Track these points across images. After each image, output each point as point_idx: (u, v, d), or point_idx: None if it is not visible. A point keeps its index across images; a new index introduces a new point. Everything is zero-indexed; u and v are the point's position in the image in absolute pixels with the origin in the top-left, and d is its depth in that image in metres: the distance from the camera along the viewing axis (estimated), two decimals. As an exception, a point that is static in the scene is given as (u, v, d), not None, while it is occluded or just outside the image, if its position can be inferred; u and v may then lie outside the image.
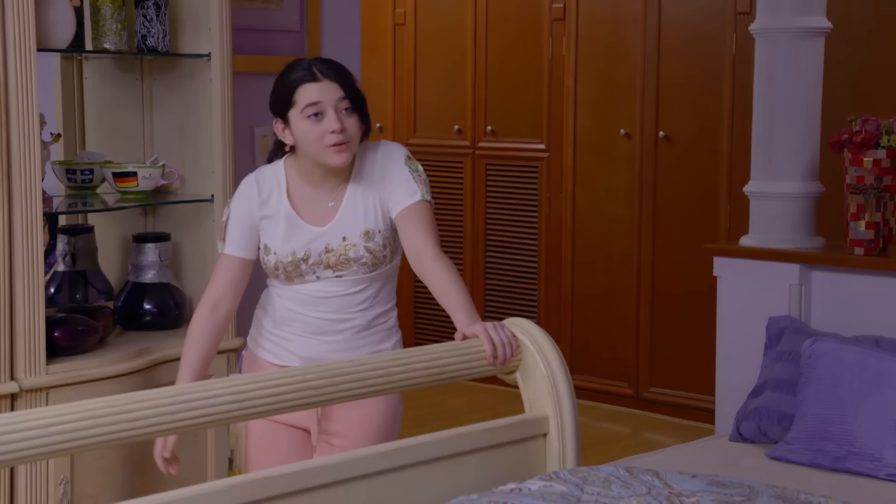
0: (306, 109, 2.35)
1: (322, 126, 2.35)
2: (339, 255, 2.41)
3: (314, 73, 2.36)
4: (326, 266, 2.42)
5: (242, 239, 2.44)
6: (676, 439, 4.62)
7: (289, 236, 2.42)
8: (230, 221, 2.44)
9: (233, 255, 2.43)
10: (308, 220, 2.44)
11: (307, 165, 2.43)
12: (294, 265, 2.42)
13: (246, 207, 2.43)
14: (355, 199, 2.44)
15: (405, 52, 5.96)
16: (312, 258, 2.42)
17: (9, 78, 2.60)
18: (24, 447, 1.72)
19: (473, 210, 5.79)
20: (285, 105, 2.38)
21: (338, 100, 2.36)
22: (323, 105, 2.35)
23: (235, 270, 2.44)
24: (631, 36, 5.22)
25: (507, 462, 2.21)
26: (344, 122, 2.36)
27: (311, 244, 2.42)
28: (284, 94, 2.38)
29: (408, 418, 5.04)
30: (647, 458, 3.09)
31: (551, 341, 2.30)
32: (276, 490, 1.90)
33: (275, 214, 2.43)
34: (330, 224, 2.42)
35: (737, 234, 4.19)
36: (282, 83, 2.40)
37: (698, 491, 1.97)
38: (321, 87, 2.35)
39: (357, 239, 2.42)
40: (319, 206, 2.44)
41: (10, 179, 2.61)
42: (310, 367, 2.02)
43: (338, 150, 2.36)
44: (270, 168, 2.48)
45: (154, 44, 3.02)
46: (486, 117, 5.71)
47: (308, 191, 2.45)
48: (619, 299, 5.32)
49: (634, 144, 5.24)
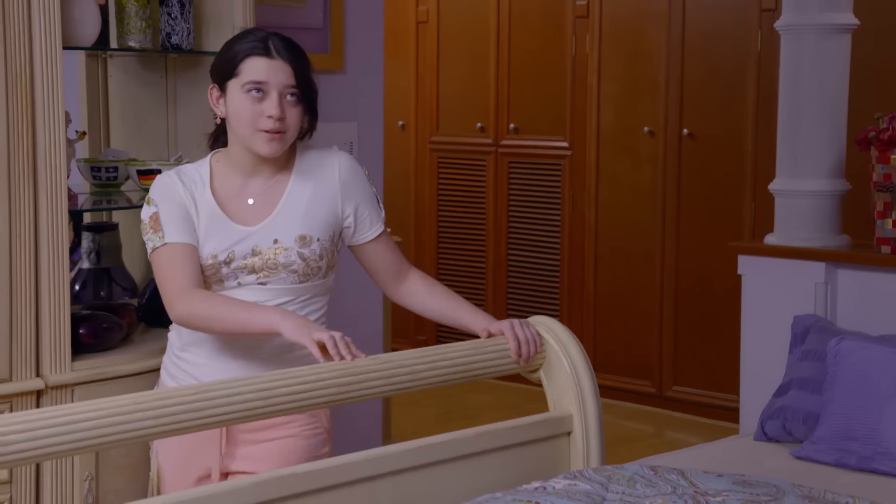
0: (248, 85, 2.12)
1: (260, 107, 2.12)
2: (267, 258, 2.17)
3: (268, 47, 2.13)
4: (251, 271, 2.18)
5: (184, 225, 2.16)
6: (700, 438, 4.60)
7: (210, 235, 2.17)
8: (162, 212, 2.16)
9: (181, 241, 2.14)
10: (235, 219, 2.19)
11: (236, 151, 2.20)
12: (214, 268, 2.17)
13: (174, 196, 2.17)
14: (296, 200, 2.20)
15: (428, 50, 5.95)
16: (236, 261, 2.17)
17: (35, 76, 2.61)
18: (50, 444, 1.72)
19: (496, 208, 5.78)
20: (227, 73, 2.15)
21: (285, 85, 2.13)
22: (267, 86, 2.12)
23: (192, 258, 2.14)
24: (655, 33, 5.20)
25: (532, 460, 2.21)
26: (285, 111, 2.13)
27: (237, 245, 2.17)
28: (229, 62, 2.15)
29: (432, 416, 5.07)
30: (671, 457, 3.08)
31: (575, 339, 2.29)
32: (301, 487, 1.90)
33: (199, 208, 2.18)
34: (262, 224, 2.18)
35: (761, 233, 4.17)
36: (229, 49, 2.17)
37: (724, 490, 1.96)
38: (271, 66, 2.12)
39: (290, 243, 2.18)
40: (247, 202, 2.21)
41: (36, 177, 2.63)
42: (335, 365, 2.01)
43: (270, 139, 2.13)
44: (191, 165, 2.25)
45: (178, 42, 3.02)
46: (509, 115, 5.70)
47: (236, 182, 2.21)
48: (642, 297, 5.30)
49: (658, 142, 5.22)
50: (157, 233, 2.15)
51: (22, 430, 1.70)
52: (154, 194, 2.20)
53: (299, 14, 3.63)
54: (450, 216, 5.98)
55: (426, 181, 6.03)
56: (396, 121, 6.01)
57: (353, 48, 3.77)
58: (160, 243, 2.15)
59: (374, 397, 2.10)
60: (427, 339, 5.99)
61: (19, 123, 2.59)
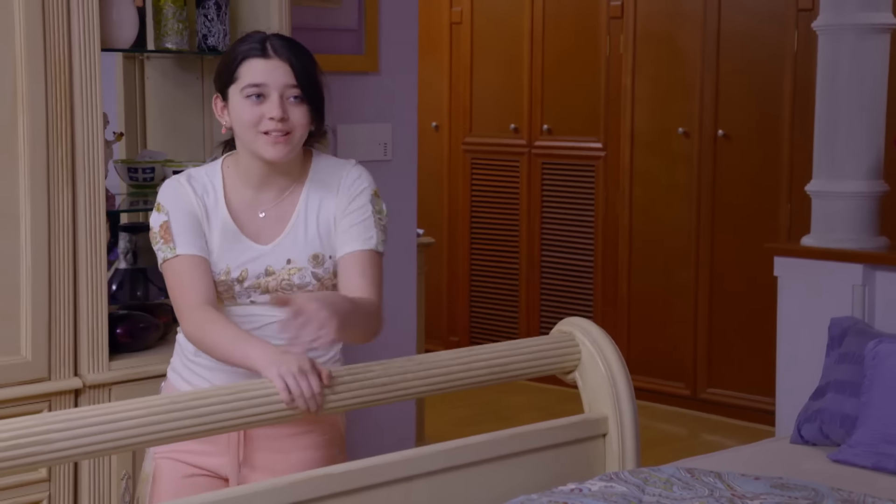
0: (247, 89, 2.03)
1: (261, 110, 2.02)
2: (282, 279, 2.08)
3: (265, 48, 2.04)
4: (265, 290, 2.08)
5: (196, 237, 2.06)
6: (735, 441, 4.57)
7: (225, 250, 2.07)
8: (173, 220, 2.06)
9: (193, 254, 2.04)
10: (249, 234, 2.09)
11: (245, 160, 2.10)
12: (226, 285, 2.08)
13: (185, 205, 2.07)
14: (307, 216, 2.10)
15: (461, 51, 5.95)
16: (249, 280, 2.08)
17: (74, 78, 2.63)
18: (88, 443, 1.74)
19: (529, 209, 5.77)
20: (227, 79, 2.06)
21: (285, 85, 2.03)
22: (267, 88, 2.03)
23: (206, 271, 2.04)
24: (690, 33, 5.17)
25: (567, 462, 2.20)
26: (287, 111, 2.03)
27: (250, 264, 2.08)
28: (228, 67, 2.06)
29: (464, 417, 5.07)
30: (707, 460, 3.06)
31: (611, 341, 2.28)
32: (338, 487, 1.91)
33: (211, 220, 2.08)
34: (274, 243, 2.08)
35: (797, 234, 4.14)
36: (229, 54, 2.08)
37: (762, 493, 1.94)
38: (268, 67, 2.03)
39: (304, 263, 2.08)
40: (260, 215, 2.10)
41: (75, 178, 2.65)
42: (371, 365, 2.02)
43: (274, 141, 2.02)
44: (201, 169, 2.14)
45: (214, 43, 3.04)
46: (543, 116, 5.69)
47: (247, 194, 2.10)
48: (676, 299, 5.28)
49: (693, 143, 5.19)
50: (168, 243, 2.06)
51: (61, 428, 1.71)
52: (164, 200, 2.09)
53: (334, 15, 3.64)
54: (483, 217, 5.97)
55: (459, 182, 6.03)
56: (430, 122, 6.01)
57: (388, 49, 3.77)
58: (171, 255, 2.05)
59: (411, 398, 2.10)
60: (460, 339, 5.99)
61: (58, 125, 2.61)
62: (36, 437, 1.68)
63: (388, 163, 3.79)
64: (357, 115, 3.69)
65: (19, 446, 1.66)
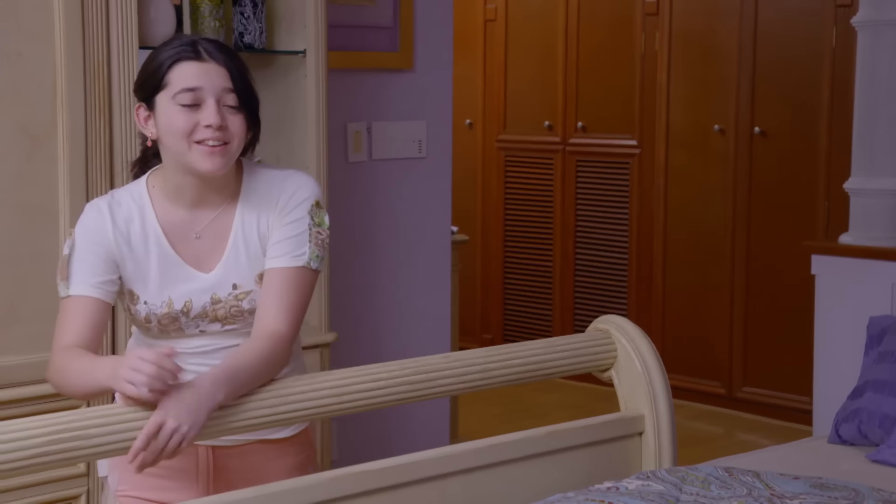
0: (180, 95, 1.83)
1: (196, 117, 1.83)
2: (231, 306, 1.91)
3: (198, 50, 1.85)
4: (213, 319, 1.92)
5: (93, 276, 1.86)
6: (771, 440, 4.53)
7: (164, 281, 1.89)
8: (74, 257, 1.86)
9: (84, 294, 1.85)
10: (188, 261, 1.91)
11: (174, 177, 1.89)
12: (171, 318, 1.90)
13: (97, 237, 1.87)
14: (245, 234, 1.92)
15: (496, 48, 5.94)
16: (195, 310, 1.90)
17: (112, 74, 2.65)
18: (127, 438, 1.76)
19: (563, 206, 5.76)
20: (153, 86, 1.85)
21: (222, 90, 1.85)
22: (202, 93, 1.83)
23: (92, 313, 1.84)
24: (726, 29, 5.13)
25: (603, 460, 2.19)
26: (225, 118, 1.84)
27: (194, 294, 1.90)
28: (154, 73, 1.85)
29: (497, 414, 5.07)
30: (744, 459, 3.03)
31: (647, 339, 2.27)
32: (372, 484, 1.91)
33: (141, 252, 1.89)
34: (217, 268, 1.91)
35: (835, 232, 4.10)
36: (153, 59, 1.87)
37: (801, 493, 1.92)
38: (203, 70, 1.84)
39: (252, 286, 1.91)
40: (196, 239, 1.91)
41: (113, 175, 2.67)
42: (407, 362, 2.02)
43: (210, 152, 1.83)
44: (125, 192, 1.93)
45: (251, 41, 3.05)
46: (577, 113, 5.67)
47: (180, 216, 1.91)
48: (712, 297, 5.24)
49: (729, 140, 5.16)
50: (64, 280, 1.87)
51: (100, 423, 1.72)
52: (77, 229, 1.90)
53: (369, 13, 3.65)
54: (517, 215, 5.97)
55: (493, 180, 6.02)
56: (464, 119, 6.01)
57: (423, 47, 3.77)
58: (64, 293, 1.86)
59: (446, 395, 2.10)
60: (493, 337, 5.99)
61: (97, 122, 2.64)
62: (75, 432, 1.69)
63: (422, 160, 3.80)
64: (391, 112, 3.70)
65: (59, 441, 1.67)
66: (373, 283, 3.70)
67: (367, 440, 3.65)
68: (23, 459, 1.65)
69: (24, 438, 1.65)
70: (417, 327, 3.81)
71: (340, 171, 3.56)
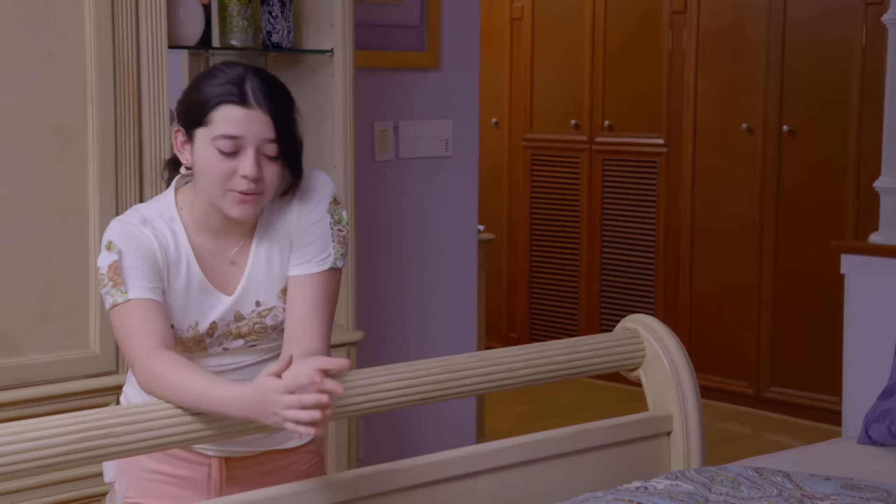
0: (220, 141, 1.80)
1: (232, 164, 1.80)
2: (254, 323, 1.90)
3: (244, 92, 1.80)
4: (237, 336, 1.91)
5: (149, 281, 1.82)
6: (799, 441, 4.50)
7: (190, 305, 1.87)
8: (125, 263, 1.82)
9: (146, 297, 1.81)
10: (216, 285, 1.89)
11: (205, 205, 1.87)
12: (196, 340, 1.90)
13: (144, 246, 1.84)
14: (264, 252, 1.91)
15: (522, 47, 5.93)
16: (219, 331, 1.90)
17: (141, 74, 2.67)
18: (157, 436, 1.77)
19: (590, 206, 5.74)
20: (195, 120, 1.82)
21: (263, 140, 1.80)
22: (243, 141, 1.80)
23: (159, 313, 1.82)
24: (754, 27, 5.10)
25: (631, 460, 2.19)
26: (263, 170, 1.80)
27: (218, 316, 1.89)
28: (198, 107, 1.82)
29: (523, 414, 5.06)
30: (772, 459, 3.01)
31: (676, 339, 2.26)
32: (400, 483, 1.91)
33: (174, 274, 1.86)
34: (238, 290, 1.89)
35: (864, 232, 4.07)
36: (199, 91, 1.83)
37: (832, 494, 1.91)
38: (247, 118, 1.79)
39: (275, 301, 1.91)
40: (223, 262, 1.90)
41: (142, 173, 2.69)
42: (433, 361, 2.02)
43: (242, 200, 1.81)
44: (153, 209, 1.89)
45: (279, 40, 3.06)
46: (604, 112, 5.65)
47: (208, 241, 1.89)
48: (739, 297, 5.22)
49: (757, 139, 5.13)
50: (119, 286, 1.81)
51: (130, 421, 1.73)
52: (116, 239, 1.85)
53: (396, 12, 3.65)
54: (543, 214, 5.95)
55: (519, 179, 6.01)
56: (490, 118, 6.00)
57: (450, 46, 3.77)
58: (122, 299, 1.81)
59: (472, 394, 2.10)
60: (519, 336, 5.98)
61: (126, 121, 2.65)
62: (105, 429, 1.70)
63: (448, 159, 3.80)
64: (418, 111, 3.70)
65: (89, 439, 1.68)
66: (399, 283, 3.70)
67: (392, 439, 3.66)
68: (54, 456, 1.66)
69: (55, 436, 1.66)
70: (444, 326, 3.81)
71: (367, 171, 3.56)
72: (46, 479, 2.52)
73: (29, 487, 2.52)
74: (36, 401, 2.55)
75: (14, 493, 2.51)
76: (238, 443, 1.95)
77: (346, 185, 3.12)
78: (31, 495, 2.55)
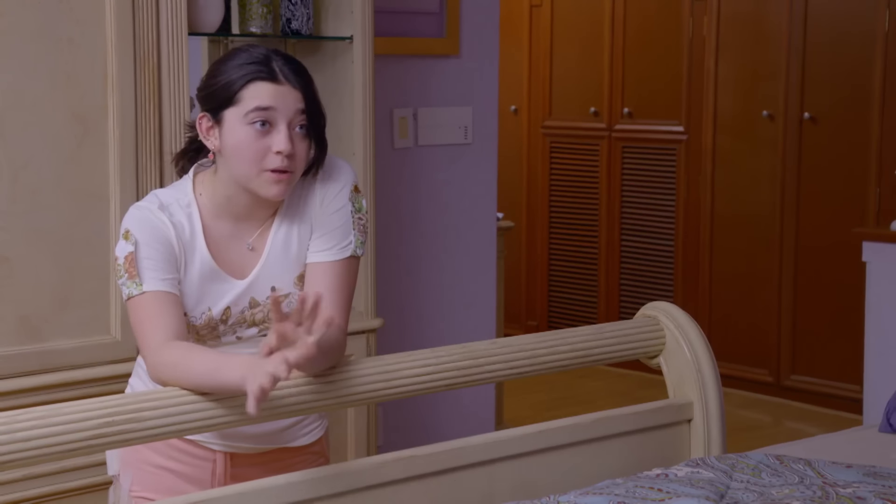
0: (253, 114, 1.80)
1: (266, 142, 1.81)
2: (269, 310, 1.87)
3: (273, 70, 1.82)
4: (251, 324, 1.92)
5: (164, 273, 1.83)
6: (819, 429, 4.49)
7: (204, 292, 1.87)
8: (141, 254, 1.83)
9: (160, 290, 1.82)
10: (228, 270, 1.89)
11: (229, 189, 1.87)
12: (210, 328, 1.90)
13: (160, 235, 1.85)
14: (283, 236, 1.91)
15: (541, 34, 5.91)
16: (233, 318, 1.90)
17: (161, 61, 2.67)
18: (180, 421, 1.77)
19: (609, 193, 5.72)
20: (223, 100, 1.82)
21: (296, 112, 1.82)
22: (275, 114, 1.81)
23: (173, 306, 1.82)
24: (775, 13, 5.07)
25: (651, 447, 2.18)
26: (296, 145, 1.82)
27: (232, 302, 1.89)
28: (225, 88, 1.82)
29: (543, 401, 5.06)
30: (793, 447, 3.00)
31: (696, 326, 2.26)
32: (421, 470, 1.91)
33: (188, 261, 1.87)
34: (253, 274, 1.89)
35: (886, 219, 4.04)
36: (223, 73, 1.84)
37: (854, 482, 1.90)
38: (279, 92, 1.81)
39: (290, 288, 1.91)
40: (238, 248, 1.90)
41: (163, 160, 2.69)
42: (454, 348, 2.02)
43: (277, 179, 1.82)
44: (170, 195, 1.89)
45: (298, 27, 3.06)
46: (623, 99, 5.63)
47: (226, 226, 1.89)
48: (760, 285, 5.19)
49: (778, 126, 5.10)
50: (134, 278, 1.82)
51: (153, 406, 1.74)
52: (133, 227, 1.85)
53: (416, -2, 3.64)
54: (562, 201, 5.94)
55: (538, 166, 6.00)
56: (509, 105, 5.99)
57: (469, 32, 3.76)
58: (137, 291, 1.82)
59: (494, 381, 2.10)
60: (538, 324, 5.97)
61: (147, 108, 2.66)
62: (129, 414, 1.71)
63: (468, 146, 3.79)
64: (437, 98, 3.69)
65: (113, 423, 1.69)
66: (418, 270, 3.70)
67: (412, 426, 3.66)
68: (78, 441, 1.66)
69: (79, 420, 1.67)
70: (463, 314, 3.81)
71: (386, 157, 3.56)
72: (50, 469, 2.51)
73: (30, 477, 2.52)
74: (57, 386, 2.56)
75: (18, 482, 2.51)
76: (246, 438, 1.95)
77: (365, 172, 3.12)
78: (49, 481, 2.56)
